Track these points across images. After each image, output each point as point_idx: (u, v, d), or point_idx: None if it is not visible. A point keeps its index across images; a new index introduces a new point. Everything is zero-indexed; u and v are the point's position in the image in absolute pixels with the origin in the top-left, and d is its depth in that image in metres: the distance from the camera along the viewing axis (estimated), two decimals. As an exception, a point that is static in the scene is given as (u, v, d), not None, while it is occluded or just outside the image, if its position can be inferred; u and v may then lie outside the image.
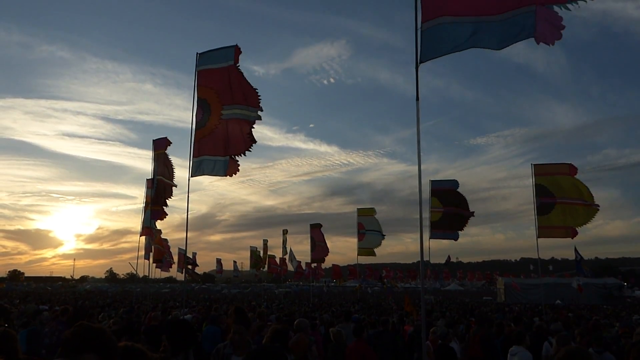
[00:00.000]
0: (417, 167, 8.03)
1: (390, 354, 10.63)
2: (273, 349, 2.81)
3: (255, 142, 10.02)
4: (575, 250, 25.69)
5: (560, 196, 13.90)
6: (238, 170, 10.17)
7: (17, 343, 3.59)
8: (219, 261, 57.57)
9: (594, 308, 35.46)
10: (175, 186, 14.27)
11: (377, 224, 26.02)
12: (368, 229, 25.91)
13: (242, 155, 10.04)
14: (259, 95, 10.11)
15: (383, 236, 26.03)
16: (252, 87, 10.14)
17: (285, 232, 37.57)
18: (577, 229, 13.77)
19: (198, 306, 21.85)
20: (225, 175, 10.13)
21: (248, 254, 43.68)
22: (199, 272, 51.27)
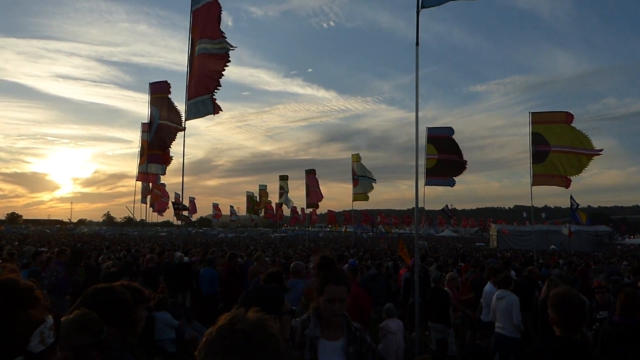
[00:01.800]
0: (414, 114, 7.97)
1: (384, 296, 10.90)
2: (269, 288, 2.84)
3: (221, 76, 9.77)
4: (572, 198, 26.00)
5: (554, 144, 13.88)
6: (221, 109, 10.03)
7: None
8: (215, 206, 58.01)
9: (584, 255, 36.20)
10: (184, 129, 13.89)
11: (366, 170, 26.42)
12: (359, 174, 26.20)
13: (213, 93, 9.86)
14: (220, 27, 9.81)
15: (373, 180, 26.41)
16: (218, 17, 9.85)
17: (282, 177, 37.64)
18: (571, 178, 13.83)
19: (195, 249, 22.17)
20: (214, 113, 10.00)
21: (244, 199, 43.97)
22: (192, 217, 51.58)
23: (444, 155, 16.00)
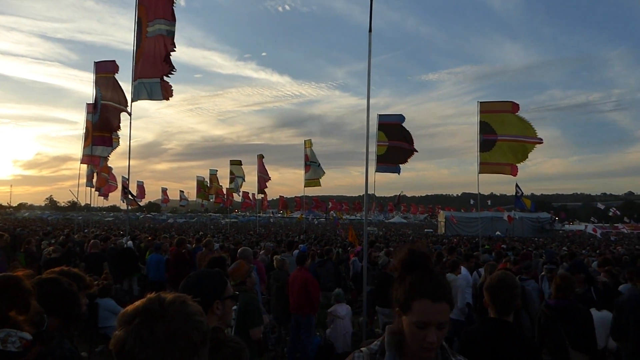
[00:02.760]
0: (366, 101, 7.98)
1: (333, 282, 10.99)
2: (211, 273, 2.79)
3: (171, 54, 9.53)
4: (517, 186, 26.86)
5: (501, 133, 14.26)
6: (172, 94, 9.79)
7: None
8: (164, 190, 56.83)
9: (527, 240, 37.61)
10: (129, 113, 13.44)
11: (315, 155, 26.59)
12: (311, 160, 26.29)
13: (167, 76, 9.62)
14: (174, 3, 9.57)
15: (319, 166, 26.61)
16: None
17: (233, 162, 37.16)
18: (517, 165, 14.26)
19: (143, 234, 21.69)
20: (163, 99, 9.75)
21: (195, 183, 43.26)
22: (140, 202, 50.41)
23: (394, 143, 16.20)
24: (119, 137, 18.01)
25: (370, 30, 8.22)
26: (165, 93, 9.73)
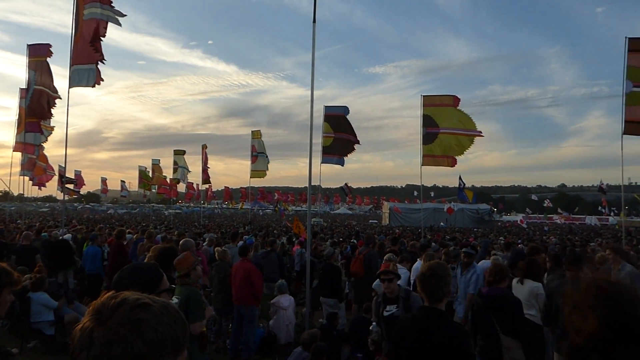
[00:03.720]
0: (314, 92, 7.97)
1: (276, 273, 10.98)
2: (145, 266, 2.73)
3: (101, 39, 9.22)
4: (460, 178, 27.73)
5: (443, 127, 14.62)
6: (102, 79, 9.45)
7: None
8: (104, 180, 55.00)
9: (467, 230, 38.85)
10: (60, 98, 12.90)
11: (264, 146, 26.45)
12: (259, 151, 26.13)
13: (102, 62, 9.29)
14: None
15: (266, 157, 26.55)
16: None
17: (177, 152, 36.30)
18: (456, 158, 14.67)
19: (80, 226, 20.94)
20: (94, 86, 9.39)
21: (137, 173, 42.07)
22: (79, 191, 48.64)
23: (339, 134, 16.28)
24: (53, 126, 17.22)
25: (314, 21, 8.22)
26: (97, 78, 9.37)
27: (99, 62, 9.33)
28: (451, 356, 3.17)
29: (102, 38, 9.25)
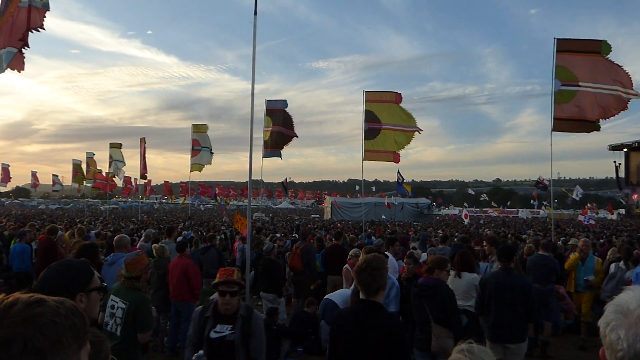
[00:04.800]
0: (256, 86, 7.88)
1: (216, 268, 10.82)
2: (73, 264, 2.61)
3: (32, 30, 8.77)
4: (398, 172, 28.27)
5: (385, 122, 14.84)
6: (23, 67, 8.96)
7: None
8: (34, 174, 52.41)
9: (407, 224, 39.69)
10: None
11: (209, 141, 25.89)
12: (203, 145, 25.61)
13: (25, 48, 8.81)
14: None
15: (212, 153, 26.05)
16: None
17: (113, 145, 35.03)
18: (399, 153, 14.95)
19: (8, 222, 19.89)
20: (4, 70, 8.85)
21: (70, 167, 40.36)
22: (5, 186, 46.26)
23: (277, 128, 16.27)
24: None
25: (255, 14, 8.12)
26: (15, 63, 8.81)
27: (24, 48, 8.82)
28: (386, 348, 3.23)
29: (40, 29, 8.74)
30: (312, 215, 64.17)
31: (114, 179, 38.22)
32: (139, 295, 4.35)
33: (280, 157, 16.32)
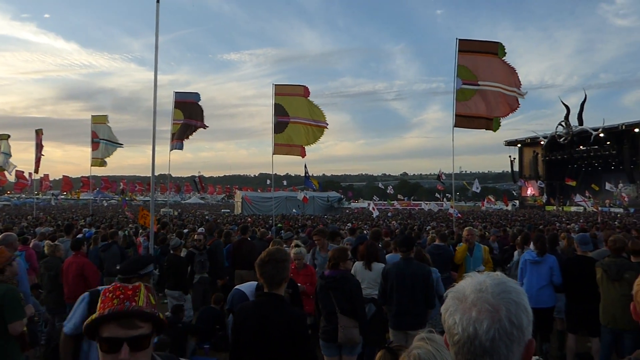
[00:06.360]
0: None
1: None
2: None
3: None
4: (305, 167, 28.53)
5: (293, 116, 14.89)
6: None
7: None
8: None
9: (317, 218, 40.17)
10: None
11: (111, 133, 24.45)
12: (102, 137, 24.18)
13: None
14: None
15: (120, 145, 24.66)
16: None
17: (1, 137, 32.22)
18: (306, 147, 15.04)
19: None
20: None
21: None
22: None
23: (187, 121, 15.88)
24: None
25: (157, 1, 7.82)
26: None
27: None
28: (289, 340, 3.24)
29: None
30: (223, 210, 63.27)
31: (4, 173, 35.39)
32: (3, 286, 4.23)
33: (181, 148, 15.91)
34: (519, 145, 77.01)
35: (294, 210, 48.72)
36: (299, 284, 6.39)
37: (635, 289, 1.86)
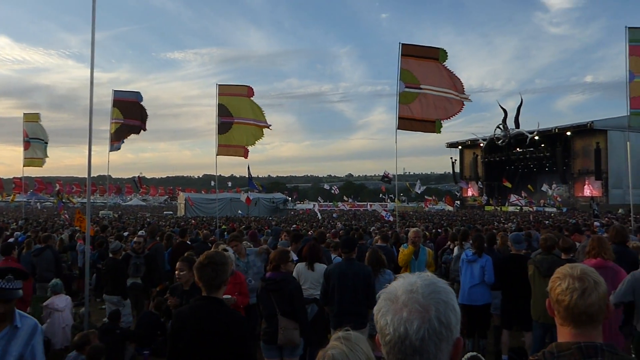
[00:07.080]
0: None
1: (52, 271, 9.96)
2: None
3: None
4: (248, 168, 28.47)
5: (237, 116, 14.80)
6: None
7: None
8: None
9: (262, 220, 39.93)
10: None
11: (43, 132, 23.30)
12: (32, 137, 23.02)
13: None
14: None
15: (45, 143, 23.47)
16: None
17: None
18: (249, 148, 14.97)
19: None
20: None
21: None
22: None
23: (128, 120, 15.47)
24: None
25: (94, -3, 7.58)
26: None
27: None
28: (228, 343, 3.22)
29: None
30: (165, 212, 61.89)
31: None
32: None
33: (119, 149, 15.48)
34: (460, 147, 79.21)
35: (239, 212, 48.24)
36: (227, 296, 5.17)
37: (550, 286, 1.96)
